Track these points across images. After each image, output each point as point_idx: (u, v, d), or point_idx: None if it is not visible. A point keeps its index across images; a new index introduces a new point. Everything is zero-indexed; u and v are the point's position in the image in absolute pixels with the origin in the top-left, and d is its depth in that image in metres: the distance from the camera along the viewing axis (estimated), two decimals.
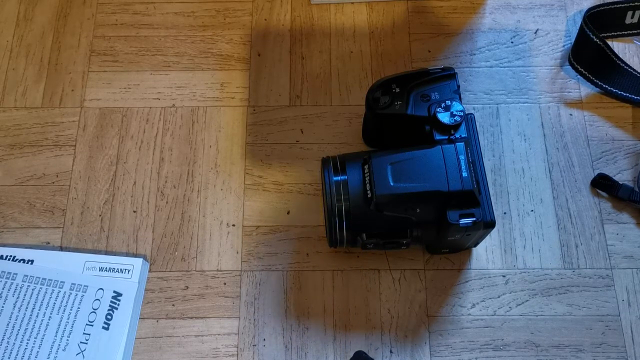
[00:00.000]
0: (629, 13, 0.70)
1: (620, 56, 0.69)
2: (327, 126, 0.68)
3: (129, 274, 0.61)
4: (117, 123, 0.69)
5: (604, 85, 0.68)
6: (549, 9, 0.74)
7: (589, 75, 0.69)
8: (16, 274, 0.61)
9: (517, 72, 0.71)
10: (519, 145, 0.67)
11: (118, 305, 0.60)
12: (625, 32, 0.71)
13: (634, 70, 0.68)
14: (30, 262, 0.61)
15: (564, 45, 0.72)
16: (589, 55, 0.68)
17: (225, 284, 0.62)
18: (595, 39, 0.67)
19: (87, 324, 0.59)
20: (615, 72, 0.69)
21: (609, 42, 0.70)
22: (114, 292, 0.60)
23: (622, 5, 0.69)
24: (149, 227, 0.64)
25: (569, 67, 0.70)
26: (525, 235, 0.63)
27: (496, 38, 0.73)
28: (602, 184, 0.65)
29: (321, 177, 0.57)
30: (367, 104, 0.60)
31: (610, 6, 0.70)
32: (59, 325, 0.59)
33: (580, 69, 0.69)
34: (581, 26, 0.68)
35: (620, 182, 0.64)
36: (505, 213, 0.64)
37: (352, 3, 0.74)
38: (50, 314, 0.59)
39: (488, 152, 0.67)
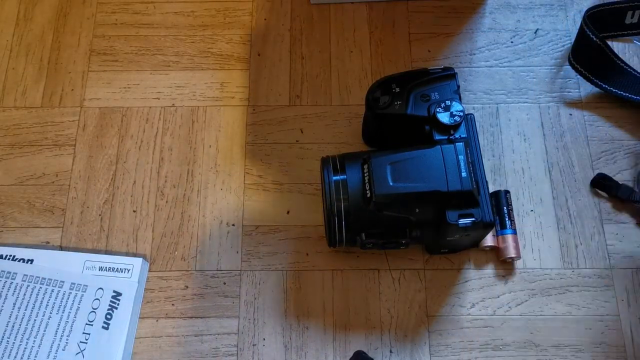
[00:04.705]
0: (629, 13, 0.70)
1: (620, 56, 0.69)
2: (327, 126, 0.68)
3: (129, 274, 0.61)
4: (117, 123, 0.69)
5: (604, 85, 0.68)
6: (549, 9, 0.74)
7: (589, 75, 0.69)
8: (16, 273, 0.61)
9: (517, 72, 0.71)
10: (518, 145, 0.67)
11: (118, 304, 0.60)
12: (625, 32, 0.71)
13: (634, 70, 0.68)
14: (30, 262, 0.61)
15: (564, 45, 0.72)
16: (588, 55, 0.68)
17: (225, 283, 0.62)
18: (595, 39, 0.67)
19: (86, 324, 0.59)
20: (615, 72, 0.68)
21: (609, 42, 0.70)
22: (114, 291, 0.60)
23: (622, 5, 0.69)
24: (149, 227, 0.64)
25: (569, 67, 0.70)
26: (524, 235, 0.63)
27: (496, 38, 0.73)
28: (602, 183, 0.65)
29: (321, 177, 0.57)
30: (367, 104, 0.60)
31: (610, 6, 0.70)
32: (59, 324, 0.59)
33: (580, 68, 0.69)
34: (581, 26, 0.68)
35: (620, 182, 0.64)
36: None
37: (352, 3, 0.74)
38: (50, 313, 0.59)
39: (488, 152, 0.67)
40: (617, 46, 0.71)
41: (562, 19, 0.74)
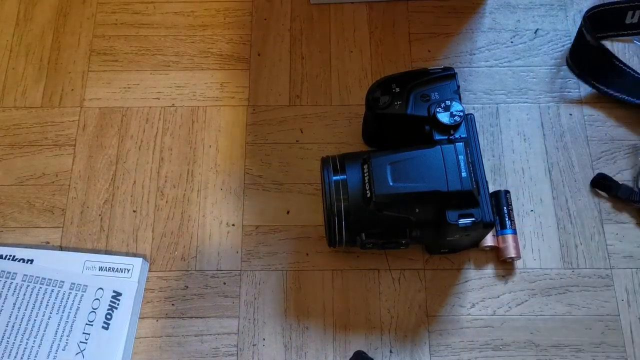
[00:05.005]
0: (629, 13, 0.69)
1: (620, 56, 0.69)
2: (327, 126, 0.68)
3: (129, 274, 0.61)
4: (117, 123, 0.69)
5: (601, 87, 0.68)
6: (549, 9, 0.74)
7: (587, 77, 0.68)
8: (16, 273, 0.61)
9: (517, 72, 0.71)
10: (518, 145, 0.67)
11: (118, 304, 0.60)
12: (626, 32, 0.71)
13: (633, 70, 0.68)
14: (29, 262, 0.61)
15: (563, 45, 0.72)
16: (587, 56, 0.68)
17: (225, 283, 0.62)
18: (592, 41, 0.67)
19: (86, 324, 0.59)
20: (613, 74, 0.68)
21: (609, 43, 0.70)
22: (114, 291, 0.60)
23: (622, 5, 0.69)
24: (149, 227, 0.64)
25: None
26: (524, 235, 0.63)
27: (496, 38, 0.73)
28: (602, 183, 0.65)
29: (321, 177, 0.57)
30: (367, 104, 0.60)
31: (610, 6, 0.69)
32: (59, 324, 0.59)
33: (577, 70, 0.68)
34: (580, 27, 0.68)
35: (620, 182, 0.64)
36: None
37: (352, 3, 0.74)
38: (50, 313, 0.59)
39: (488, 152, 0.67)
40: (617, 46, 0.71)
41: (562, 19, 0.74)
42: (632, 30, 0.71)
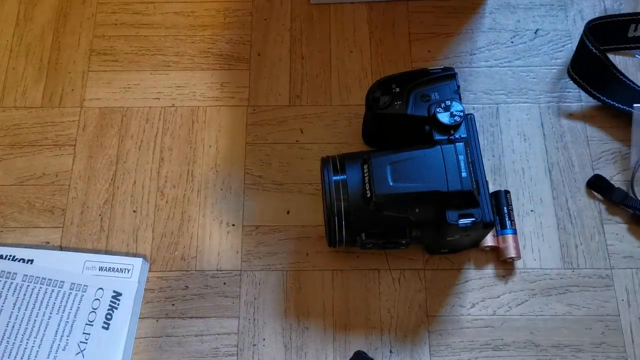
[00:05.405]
0: (632, 26, 0.68)
1: (622, 69, 0.68)
2: (327, 126, 0.68)
3: (129, 274, 0.61)
4: (117, 123, 0.69)
5: (602, 98, 0.67)
6: (549, 9, 0.74)
7: (588, 88, 0.67)
8: (16, 273, 0.61)
9: (517, 72, 0.71)
10: (518, 145, 0.67)
11: (118, 305, 0.60)
12: (628, 46, 0.70)
13: (634, 83, 0.67)
14: (30, 262, 0.61)
15: (564, 45, 0.72)
16: (588, 67, 0.67)
17: (225, 283, 0.62)
18: (595, 52, 0.65)
19: (86, 324, 0.59)
20: (614, 85, 0.67)
21: (611, 55, 0.69)
22: (114, 291, 0.60)
23: (625, 18, 0.68)
24: (149, 227, 0.64)
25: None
26: (525, 235, 0.63)
27: (496, 38, 0.73)
28: (598, 185, 0.64)
29: (321, 177, 0.57)
30: (367, 104, 0.60)
31: (612, 19, 0.68)
32: (59, 324, 0.59)
33: (579, 80, 0.68)
34: (581, 38, 0.67)
35: (617, 185, 0.64)
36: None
37: (352, 3, 0.74)
38: (50, 313, 0.59)
39: (488, 152, 0.67)
40: (618, 60, 0.71)
41: (562, 19, 0.74)
42: (634, 44, 0.70)
